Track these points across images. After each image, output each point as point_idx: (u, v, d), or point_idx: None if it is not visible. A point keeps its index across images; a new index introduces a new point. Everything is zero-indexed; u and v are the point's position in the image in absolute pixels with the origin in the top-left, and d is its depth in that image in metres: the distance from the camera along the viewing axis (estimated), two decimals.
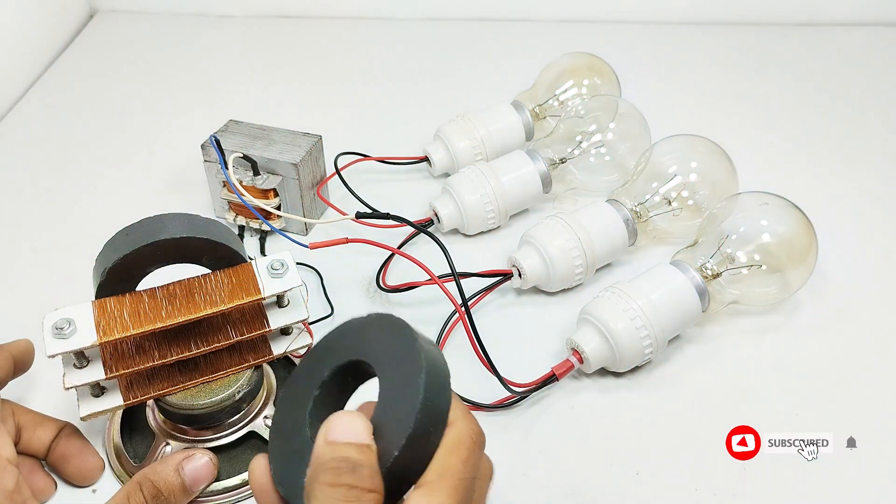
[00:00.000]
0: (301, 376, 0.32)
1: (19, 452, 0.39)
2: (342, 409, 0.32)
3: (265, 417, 0.43)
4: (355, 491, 0.26)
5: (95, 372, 0.39)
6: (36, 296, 0.54)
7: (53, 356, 0.37)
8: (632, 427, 0.45)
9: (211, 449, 0.41)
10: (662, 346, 0.47)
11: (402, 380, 0.28)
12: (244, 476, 0.41)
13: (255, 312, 0.43)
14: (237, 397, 0.42)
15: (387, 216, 0.52)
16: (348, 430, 0.27)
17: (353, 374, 0.31)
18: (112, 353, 0.40)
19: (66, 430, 0.42)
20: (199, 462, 0.39)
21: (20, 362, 0.42)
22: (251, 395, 0.43)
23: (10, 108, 0.76)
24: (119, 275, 0.38)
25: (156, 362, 0.39)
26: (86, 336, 0.37)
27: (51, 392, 0.42)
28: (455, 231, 0.59)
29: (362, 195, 0.58)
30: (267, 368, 0.46)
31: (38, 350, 0.43)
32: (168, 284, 0.41)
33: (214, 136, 0.54)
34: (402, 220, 0.52)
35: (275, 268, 0.42)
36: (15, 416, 0.40)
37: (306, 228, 0.59)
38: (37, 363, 0.43)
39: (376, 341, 0.30)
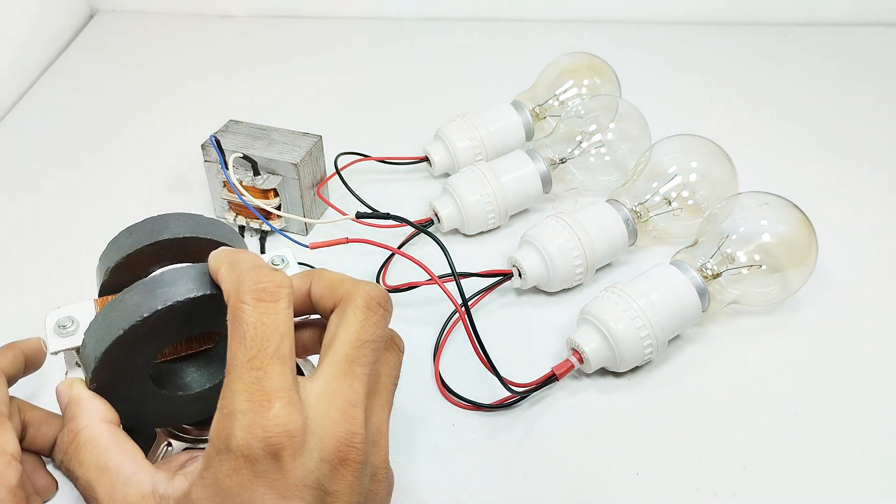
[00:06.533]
0: None
1: (24, 449, 0.39)
2: None
3: None
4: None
5: None
6: (39, 295, 0.54)
7: (56, 353, 0.37)
8: (632, 427, 0.45)
9: None
10: (662, 346, 0.47)
11: None
12: None
13: None
14: None
15: (387, 216, 0.52)
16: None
17: None
18: None
19: None
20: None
21: (31, 360, 0.42)
22: None
23: (11, 108, 0.76)
24: (122, 274, 0.38)
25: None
26: None
27: None
28: (455, 231, 0.59)
29: (362, 195, 0.58)
30: None
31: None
32: None
33: (214, 136, 0.55)
34: (402, 220, 0.52)
35: (275, 263, 0.42)
36: (21, 412, 0.40)
37: (306, 228, 0.59)
38: (49, 363, 0.43)
39: None
